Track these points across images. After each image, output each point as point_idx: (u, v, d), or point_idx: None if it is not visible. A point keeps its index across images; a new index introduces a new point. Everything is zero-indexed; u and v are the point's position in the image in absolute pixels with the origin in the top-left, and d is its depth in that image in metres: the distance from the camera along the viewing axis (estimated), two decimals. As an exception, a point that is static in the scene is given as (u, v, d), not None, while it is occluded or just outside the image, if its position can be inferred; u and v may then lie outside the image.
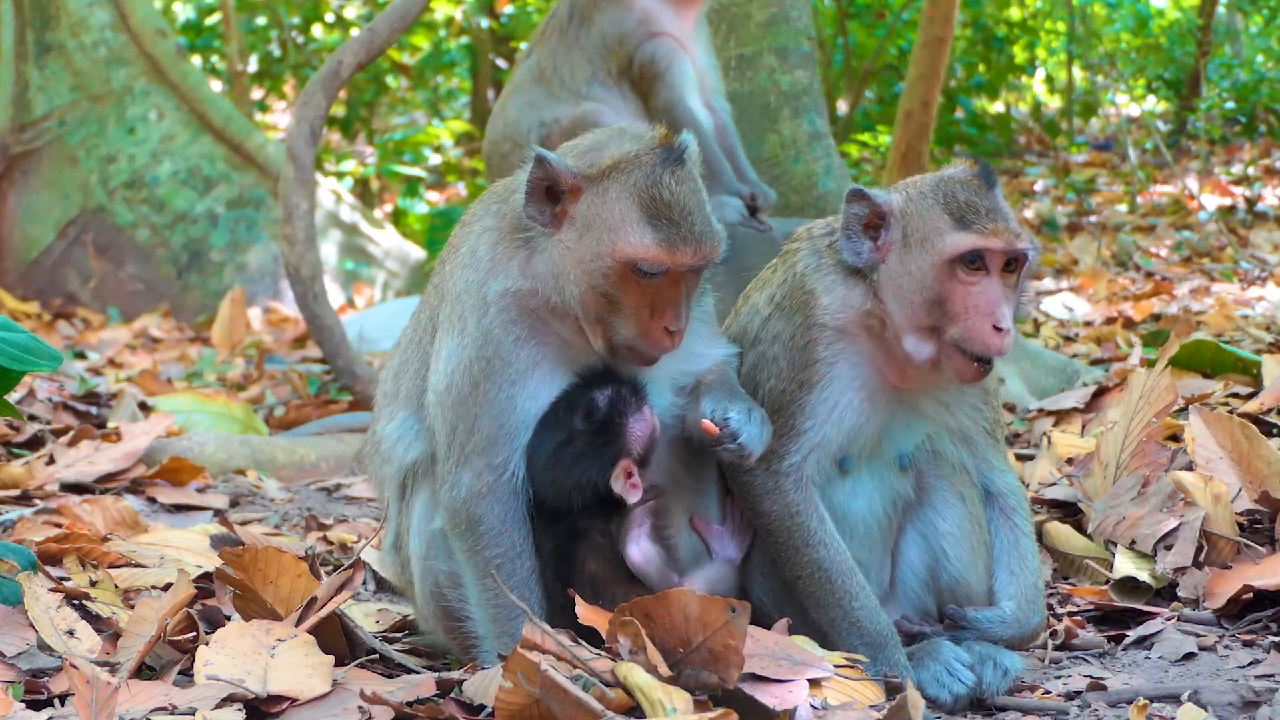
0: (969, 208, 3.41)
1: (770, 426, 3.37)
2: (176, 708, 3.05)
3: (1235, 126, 18.64)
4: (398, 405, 3.59)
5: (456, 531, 3.38)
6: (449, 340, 3.40)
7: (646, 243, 3.21)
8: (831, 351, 3.51)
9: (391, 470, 3.58)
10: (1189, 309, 9.67)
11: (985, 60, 19.15)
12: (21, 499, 5.37)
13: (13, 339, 3.57)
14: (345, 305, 11.67)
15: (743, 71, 7.25)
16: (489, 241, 3.43)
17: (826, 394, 3.50)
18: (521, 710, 2.88)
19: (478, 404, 3.33)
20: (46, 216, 11.43)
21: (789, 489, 3.48)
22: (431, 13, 18.42)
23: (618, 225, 3.24)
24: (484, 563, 3.34)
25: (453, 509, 3.37)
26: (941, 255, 3.39)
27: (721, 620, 2.96)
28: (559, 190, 3.30)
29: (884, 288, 3.46)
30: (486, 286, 3.37)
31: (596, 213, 3.26)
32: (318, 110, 7.37)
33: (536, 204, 3.31)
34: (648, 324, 3.27)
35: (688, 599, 3.00)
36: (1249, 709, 3.23)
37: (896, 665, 3.40)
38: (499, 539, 3.34)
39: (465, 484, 3.34)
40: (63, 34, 11.42)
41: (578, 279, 3.28)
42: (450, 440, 3.36)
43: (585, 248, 3.27)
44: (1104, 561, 4.35)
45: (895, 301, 3.44)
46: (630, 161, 3.28)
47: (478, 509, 3.33)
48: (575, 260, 3.28)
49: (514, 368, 3.34)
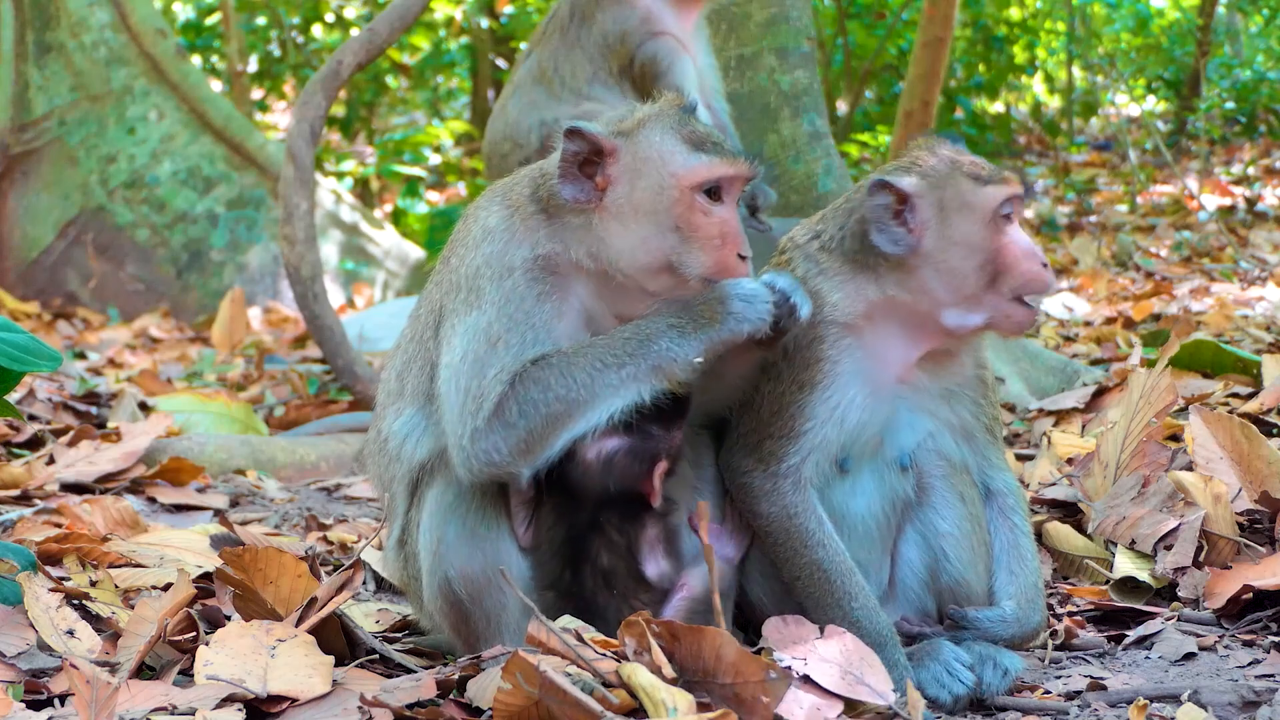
0: (984, 167, 3.53)
1: (811, 303, 3.40)
2: (176, 708, 3.05)
3: (1235, 126, 18.66)
4: (404, 403, 3.58)
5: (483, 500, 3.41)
6: (462, 321, 3.39)
7: (704, 162, 3.37)
8: (837, 349, 3.51)
9: (401, 469, 3.57)
10: (1189, 309, 9.67)
11: (985, 60, 19.16)
12: (21, 499, 5.37)
13: (13, 339, 3.57)
14: (345, 305, 11.68)
15: (743, 71, 7.25)
16: (501, 217, 3.47)
17: (829, 393, 3.50)
18: (521, 711, 2.88)
19: (497, 358, 3.32)
20: (46, 216, 11.43)
21: (787, 490, 3.49)
22: (431, 13, 18.43)
23: (670, 158, 3.38)
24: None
25: (471, 477, 3.35)
26: (985, 214, 3.46)
27: (758, 676, 2.92)
28: (598, 157, 3.38)
29: (919, 269, 3.48)
30: (509, 255, 3.40)
31: (645, 156, 3.39)
32: (318, 110, 7.37)
33: (574, 182, 3.39)
34: (720, 253, 3.36)
35: (724, 641, 2.97)
36: (1249, 709, 3.23)
37: (896, 665, 3.39)
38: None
39: (487, 447, 3.30)
40: (63, 34, 11.42)
41: (640, 229, 3.36)
42: (463, 406, 3.32)
43: (643, 193, 3.37)
44: (1104, 561, 4.35)
45: (939, 278, 3.47)
46: (656, 114, 3.46)
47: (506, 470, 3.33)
48: (634, 211, 3.37)
49: (537, 319, 3.35)
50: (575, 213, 3.41)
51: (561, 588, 3.45)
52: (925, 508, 3.64)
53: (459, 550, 3.44)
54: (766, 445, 3.50)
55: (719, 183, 3.39)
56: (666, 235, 3.36)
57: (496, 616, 3.46)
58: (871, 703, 3.13)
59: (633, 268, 3.39)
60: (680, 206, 3.36)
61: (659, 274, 3.39)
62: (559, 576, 3.46)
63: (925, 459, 3.63)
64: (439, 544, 3.47)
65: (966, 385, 3.64)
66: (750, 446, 3.53)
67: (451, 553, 3.45)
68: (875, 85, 18.51)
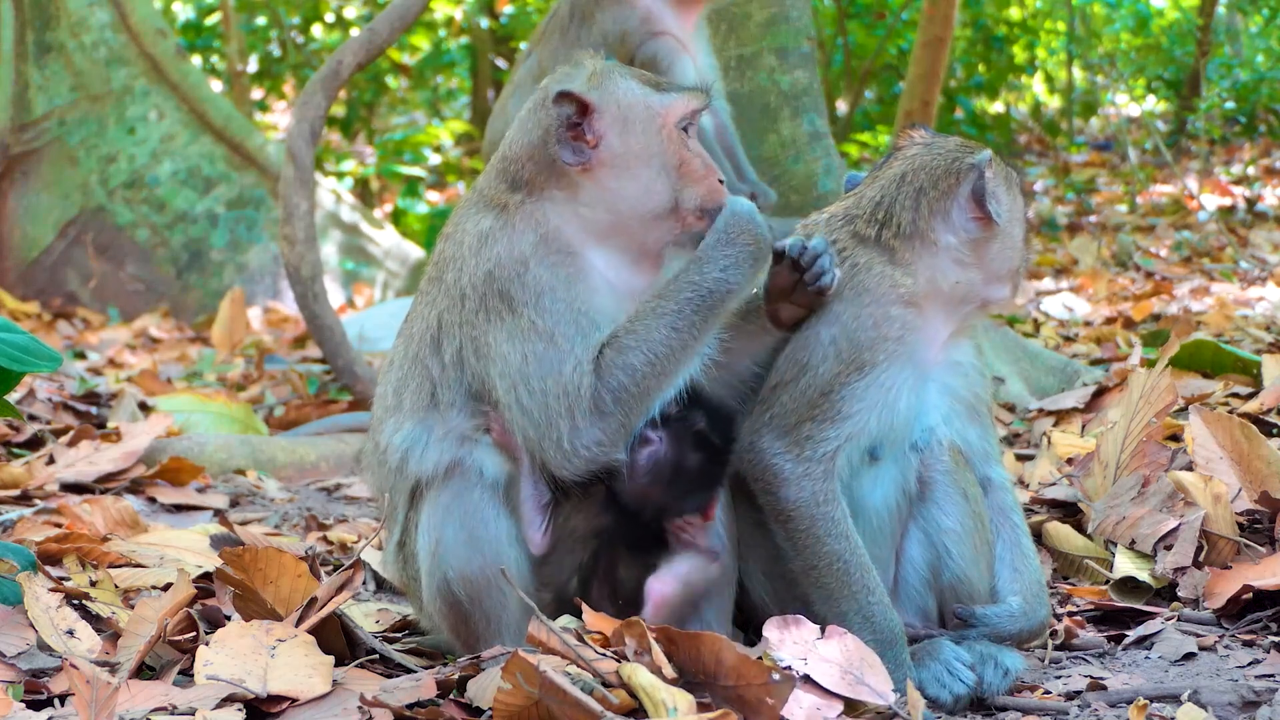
0: (1014, 168, 3.78)
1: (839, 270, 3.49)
2: (176, 708, 3.04)
3: (1235, 126, 18.65)
4: (403, 417, 3.55)
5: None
6: (495, 332, 3.37)
7: (677, 99, 3.51)
8: (904, 329, 3.52)
9: (402, 481, 3.55)
10: (1189, 309, 9.67)
11: (985, 60, 19.16)
12: (21, 499, 5.37)
13: (13, 339, 3.57)
14: (345, 305, 11.67)
15: (743, 71, 7.24)
16: (492, 217, 3.46)
17: (886, 374, 3.48)
18: (521, 711, 2.88)
19: (565, 353, 3.32)
20: (46, 216, 11.43)
21: (818, 477, 3.44)
22: (431, 13, 18.43)
23: (650, 101, 3.49)
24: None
25: (574, 475, 3.35)
26: (1021, 209, 3.72)
27: (761, 679, 2.91)
28: (581, 117, 3.44)
29: (987, 252, 3.61)
30: (517, 248, 3.40)
31: (629, 103, 3.47)
32: (318, 110, 7.37)
33: (571, 145, 3.45)
34: (707, 181, 3.49)
35: (722, 646, 2.96)
36: (1249, 709, 3.23)
37: (903, 664, 3.38)
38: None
39: (589, 442, 3.31)
40: (63, 34, 11.42)
41: (643, 175, 3.44)
42: (548, 408, 3.30)
43: (637, 139, 3.45)
44: (1104, 561, 4.35)
45: (999, 260, 3.64)
46: (606, 68, 3.55)
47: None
48: (632, 159, 3.44)
49: (579, 302, 3.36)
50: (561, 182, 3.44)
51: (567, 593, 3.44)
52: (928, 504, 3.61)
53: (458, 551, 3.43)
54: (805, 428, 3.46)
55: (691, 116, 3.52)
56: (668, 174, 3.46)
57: (496, 617, 3.46)
58: (872, 703, 3.13)
59: (635, 216, 3.44)
60: (672, 145, 3.47)
61: (662, 218, 3.46)
62: (565, 582, 3.46)
63: (933, 447, 3.62)
64: (438, 545, 3.47)
65: (972, 363, 3.69)
66: (785, 428, 3.48)
67: (450, 554, 3.45)
68: (875, 85, 18.52)
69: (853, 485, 3.54)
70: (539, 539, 3.44)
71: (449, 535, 3.44)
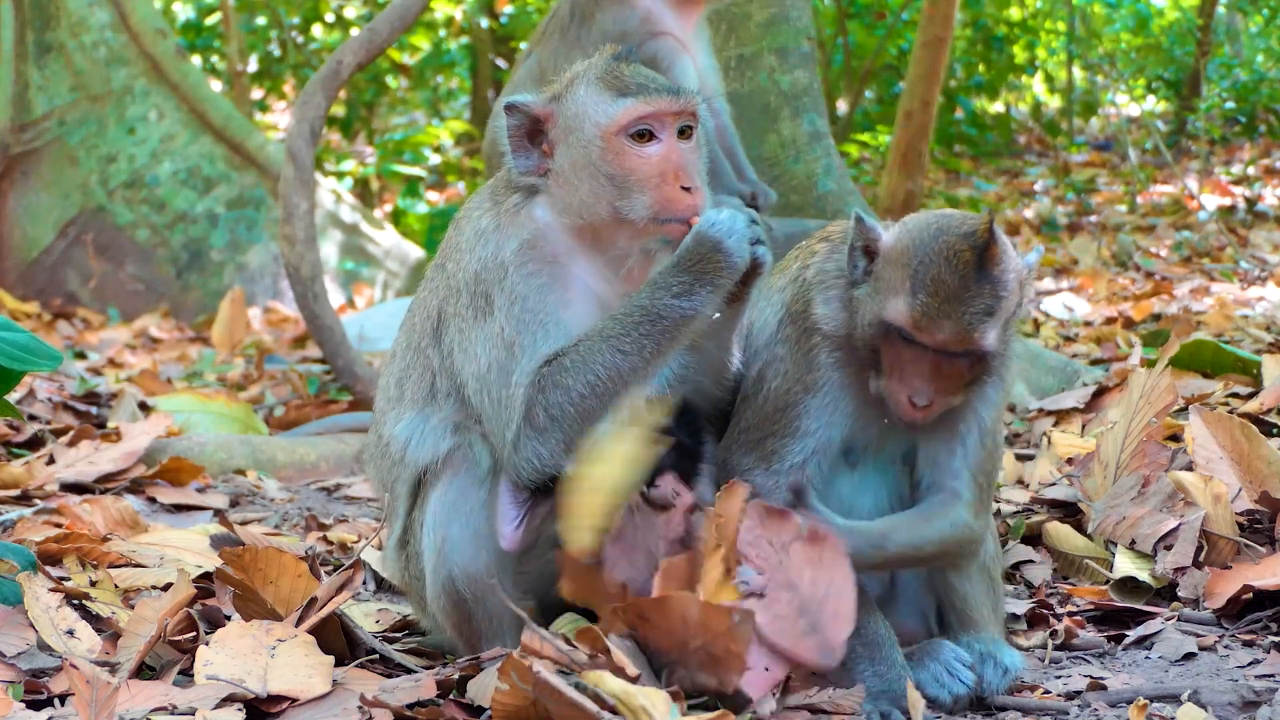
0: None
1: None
2: (176, 708, 3.05)
3: (1235, 126, 18.66)
4: (404, 408, 3.58)
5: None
6: (476, 329, 3.40)
7: (623, 106, 3.37)
8: (831, 357, 3.50)
9: (404, 472, 3.56)
10: (1189, 309, 9.67)
11: (985, 60, 19.18)
12: (21, 499, 5.37)
13: (13, 339, 3.57)
14: (345, 305, 11.67)
15: (743, 71, 7.25)
16: (491, 216, 3.48)
17: (836, 394, 3.48)
18: (519, 711, 2.87)
19: (517, 365, 3.32)
20: (46, 216, 11.43)
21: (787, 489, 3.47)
22: (431, 13, 18.43)
23: (592, 110, 3.40)
24: None
25: (525, 481, 3.33)
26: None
27: (724, 626, 2.94)
28: (536, 127, 3.45)
29: None
30: (501, 253, 3.41)
31: (573, 114, 3.42)
32: (318, 110, 7.37)
33: (522, 153, 3.46)
34: (661, 190, 3.35)
35: (687, 602, 2.98)
36: (1249, 709, 3.23)
37: (894, 665, 3.38)
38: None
39: (529, 454, 3.29)
40: (63, 34, 11.42)
41: (584, 185, 3.38)
42: (497, 417, 3.33)
43: (577, 150, 3.39)
44: (1104, 561, 4.35)
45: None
46: (585, 69, 3.48)
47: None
48: (574, 169, 3.39)
49: (544, 314, 3.34)
50: (545, 187, 3.44)
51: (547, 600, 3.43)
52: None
53: (463, 550, 3.44)
54: (769, 443, 3.49)
55: (644, 123, 3.37)
56: (604, 185, 3.36)
57: (500, 615, 3.46)
58: (810, 660, 3.10)
59: (593, 224, 3.40)
60: (609, 155, 3.36)
61: (619, 226, 3.38)
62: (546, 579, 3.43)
63: (923, 457, 3.61)
64: (443, 543, 3.47)
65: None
66: (751, 443, 3.52)
67: (455, 552, 3.45)
68: (875, 85, 18.52)
69: (838, 488, 3.54)
70: (511, 533, 3.42)
71: (454, 533, 3.44)
